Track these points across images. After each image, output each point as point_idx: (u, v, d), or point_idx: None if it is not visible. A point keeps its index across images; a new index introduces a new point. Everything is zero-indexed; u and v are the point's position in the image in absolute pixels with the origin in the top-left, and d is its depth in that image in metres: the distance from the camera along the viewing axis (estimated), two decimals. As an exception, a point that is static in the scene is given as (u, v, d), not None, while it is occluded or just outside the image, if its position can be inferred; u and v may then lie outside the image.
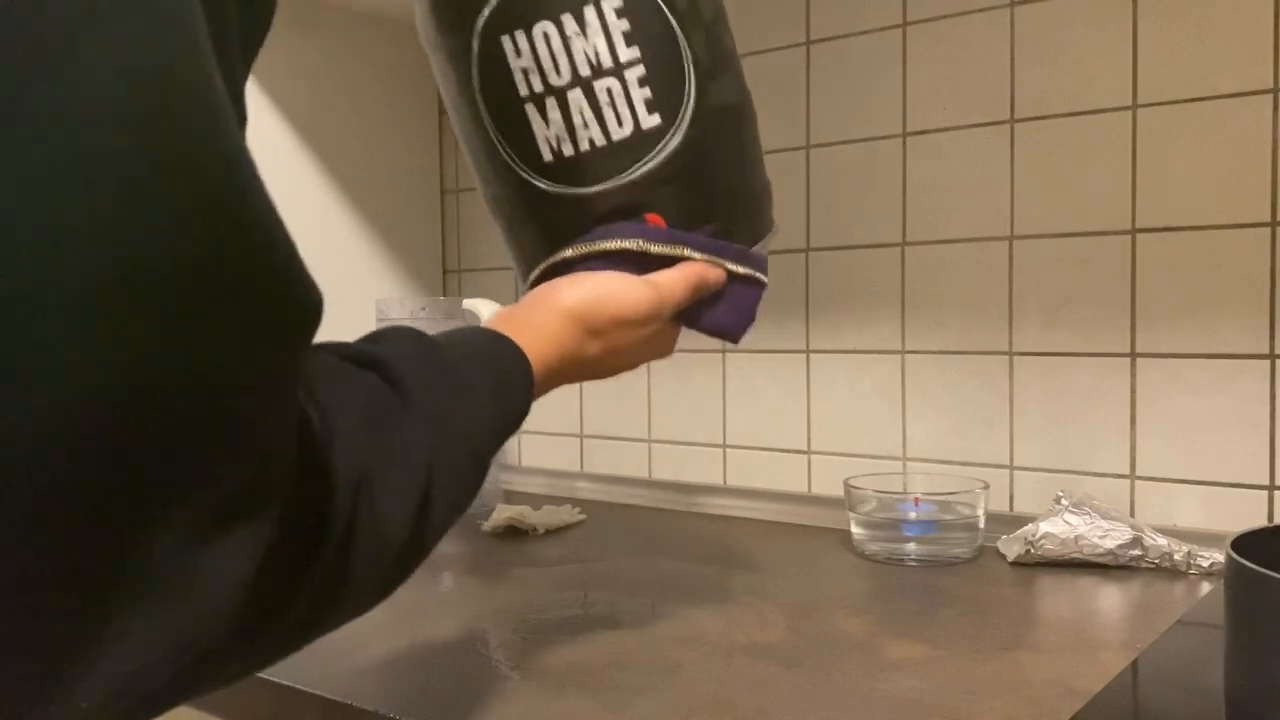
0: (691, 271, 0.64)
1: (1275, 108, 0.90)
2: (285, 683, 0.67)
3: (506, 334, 0.56)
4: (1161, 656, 0.68)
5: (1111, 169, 0.98)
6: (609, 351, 0.61)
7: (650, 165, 0.62)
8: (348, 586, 0.39)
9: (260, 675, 0.68)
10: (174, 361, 0.28)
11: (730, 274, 0.67)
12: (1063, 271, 1.01)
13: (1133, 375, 0.98)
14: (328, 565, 0.37)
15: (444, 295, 1.48)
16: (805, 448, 1.18)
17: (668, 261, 0.64)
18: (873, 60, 1.10)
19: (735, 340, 0.71)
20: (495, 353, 0.54)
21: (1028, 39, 1.02)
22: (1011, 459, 1.05)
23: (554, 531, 1.11)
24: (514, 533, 1.10)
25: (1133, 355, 0.98)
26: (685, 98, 0.63)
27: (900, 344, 1.11)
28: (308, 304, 0.32)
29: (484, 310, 1.06)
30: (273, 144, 1.27)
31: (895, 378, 1.11)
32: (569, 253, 0.64)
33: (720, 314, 0.67)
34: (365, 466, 0.40)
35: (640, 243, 0.62)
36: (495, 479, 1.26)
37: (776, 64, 1.17)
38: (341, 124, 1.35)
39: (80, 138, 0.25)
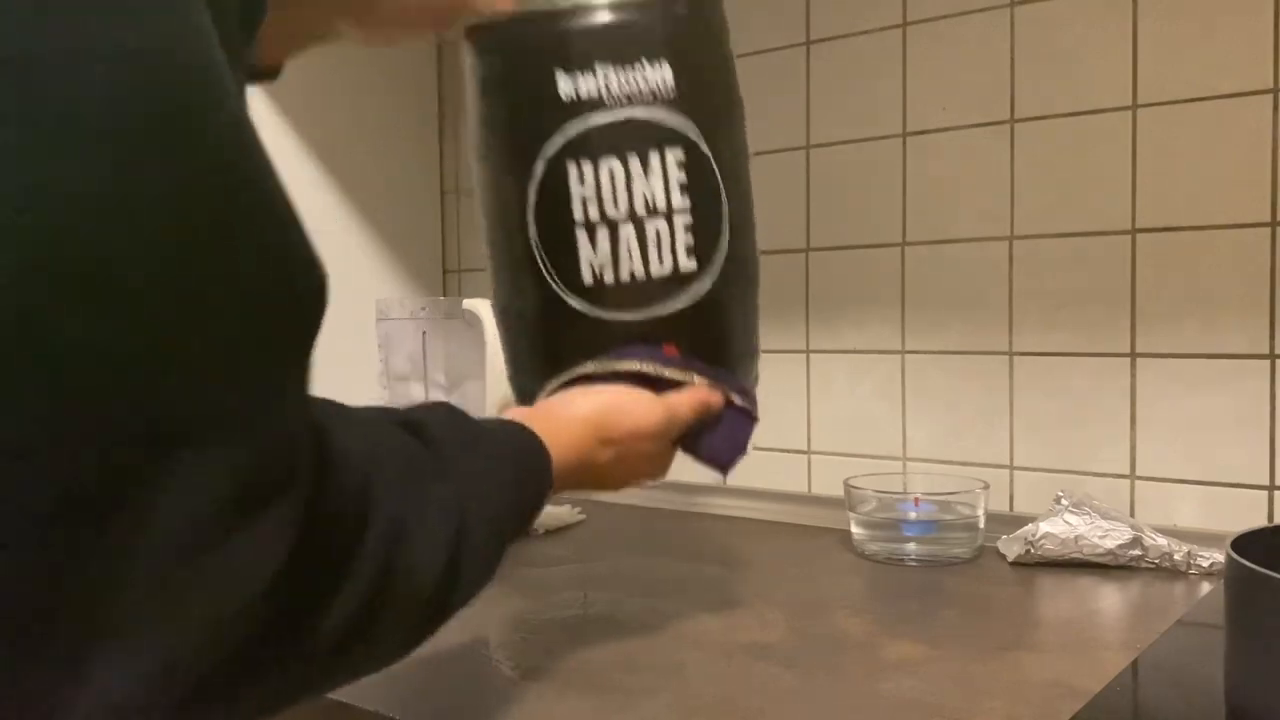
0: (698, 395, 0.68)
1: (1275, 108, 0.90)
2: (285, 683, 0.67)
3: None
4: (1161, 656, 0.68)
5: (1111, 169, 0.98)
6: (617, 461, 0.64)
7: (679, 304, 0.67)
8: (370, 632, 0.39)
9: (260, 675, 0.68)
10: (176, 332, 0.27)
11: (729, 403, 0.71)
12: (1063, 271, 1.01)
13: (1133, 375, 0.98)
14: (351, 605, 0.37)
15: (444, 295, 1.47)
16: (805, 448, 1.18)
17: (677, 386, 0.68)
18: (873, 60, 1.10)
19: (725, 471, 0.74)
20: (522, 440, 0.56)
21: (1028, 39, 1.02)
22: (1011, 459, 1.05)
23: (554, 531, 1.11)
24: (514, 533, 1.10)
25: (1133, 355, 0.98)
26: (719, 249, 0.69)
27: (900, 344, 1.11)
28: (313, 279, 0.32)
29: (484, 310, 1.06)
30: (273, 144, 1.25)
31: (895, 378, 1.11)
32: (590, 368, 0.67)
33: (717, 442, 0.71)
34: (402, 516, 0.40)
35: (656, 367, 0.67)
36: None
37: (776, 64, 1.17)
38: (342, 124, 1.35)
39: (79, 108, 0.26)
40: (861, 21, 1.11)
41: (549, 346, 0.70)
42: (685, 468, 0.72)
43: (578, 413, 0.63)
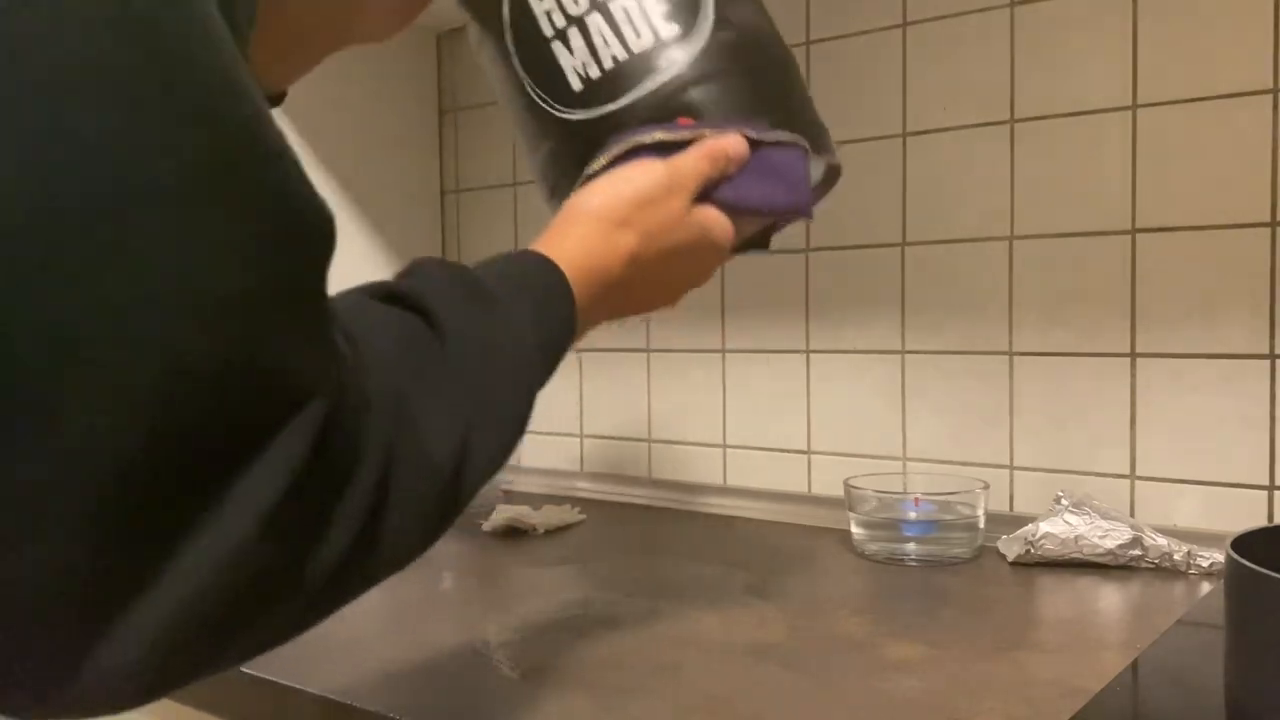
0: (705, 143, 0.62)
1: (1275, 108, 0.90)
2: (285, 683, 0.67)
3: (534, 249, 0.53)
4: (1161, 656, 0.68)
5: (1111, 169, 0.98)
6: (645, 247, 0.58)
7: (675, 70, 0.63)
8: (389, 521, 0.37)
9: (260, 675, 0.68)
10: (183, 270, 0.28)
11: (755, 142, 0.65)
12: (1063, 271, 1.01)
13: (1133, 375, 0.98)
14: (366, 493, 0.35)
15: (444, 295, 1.47)
16: (805, 448, 1.18)
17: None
18: (873, 60, 1.10)
19: (801, 212, 0.69)
20: (527, 271, 0.51)
21: (1028, 39, 1.02)
22: (1011, 459, 1.05)
23: (554, 531, 1.11)
24: (514, 533, 1.10)
25: (1133, 355, 0.98)
26: (702, 11, 0.64)
27: (900, 344, 1.11)
28: (318, 216, 0.32)
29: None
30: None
31: (895, 378, 1.11)
32: (593, 166, 0.63)
33: (765, 186, 0.65)
34: (402, 392, 0.38)
35: (657, 135, 0.62)
36: (495, 479, 1.26)
37: (776, 64, 1.17)
38: (342, 124, 1.35)
39: (82, 49, 0.26)
40: (861, 21, 1.11)
41: (572, 174, 0.65)
42: (685, 468, 0.72)
43: (579, 211, 0.58)
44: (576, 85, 0.64)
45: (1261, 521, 0.86)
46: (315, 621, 0.37)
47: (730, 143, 0.63)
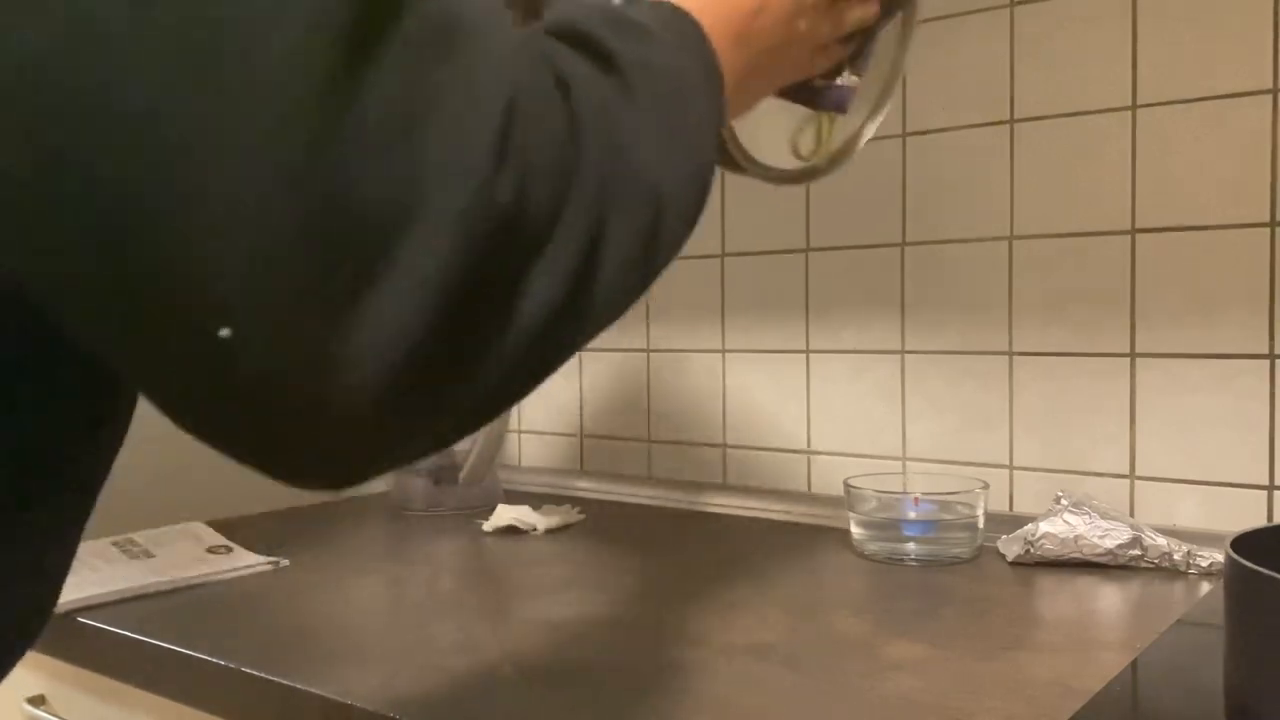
0: None
1: (1275, 108, 0.90)
2: (285, 683, 0.67)
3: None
4: (1161, 656, 0.68)
5: (1111, 169, 0.98)
6: None
7: None
8: (606, 251, 0.35)
9: (261, 675, 0.68)
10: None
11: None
12: (1063, 271, 1.01)
13: (1133, 375, 0.98)
14: (584, 210, 0.34)
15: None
16: (805, 448, 1.18)
17: None
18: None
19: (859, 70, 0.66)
20: (656, 14, 0.45)
21: (1028, 39, 1.02)
22: (1011, 459, 1.05)
23: (554, 531, 1.11)
24: (514, 533, 1.10)
25: (1133, 355, 0.98)
26: None
27: (900, 344, 1.11)
28: None
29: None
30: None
31: (895, 378, 1.11)
32: None
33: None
34: (608, 109, 0.36)
35: None
36: (495, 479, 1.26)
37: (776, 64, 1.17)
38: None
39: None
40: (861, 21, 1.11)
41: None
42: (685, 468, 0.72)
43: None
44: None
45: (1261, 521, 0.86)
46: (524, 382, 0.35)
47: None
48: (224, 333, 0.27)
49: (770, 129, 0.68)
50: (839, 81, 0.66)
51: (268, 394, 0.29)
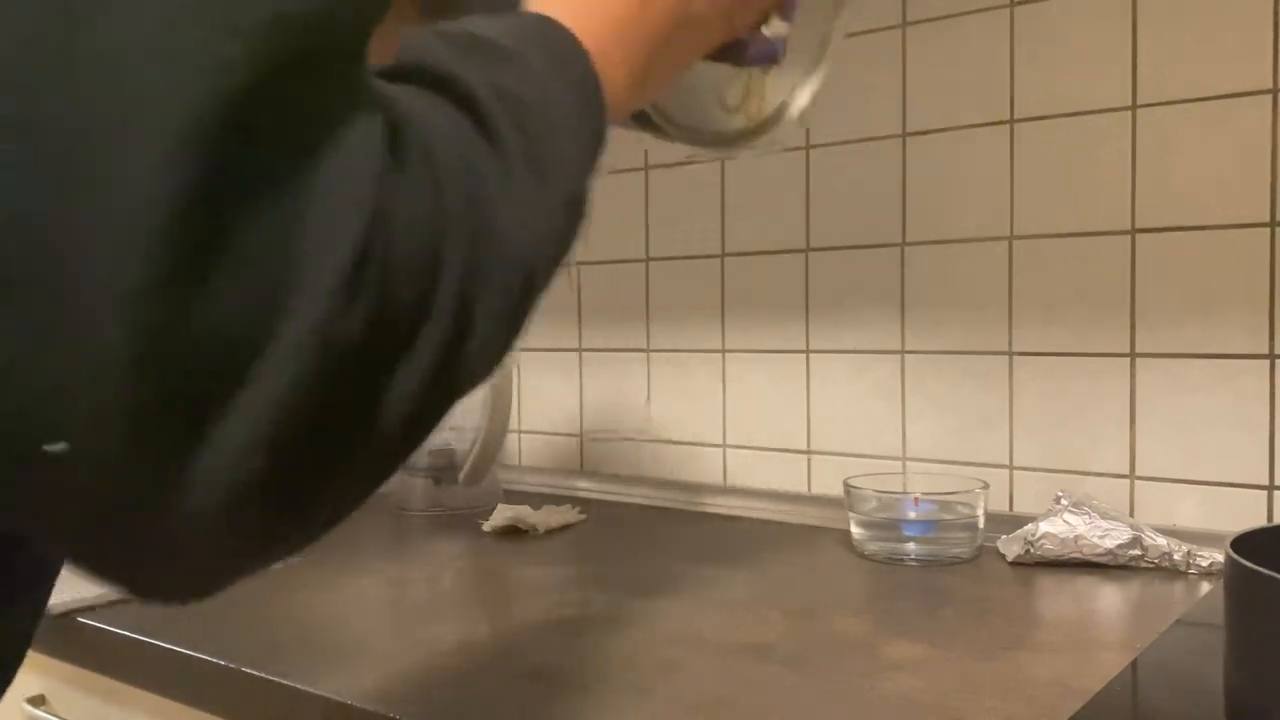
0: None
1: (1275, 108, 0.90)
2: (285, 683, 0.67)
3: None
4: (1161, 656, 0.68)
5: (1111, 169, 0.98)
6: None
7: None
8: (473, 331, 0.33)
9: (261, 675, 0.68)
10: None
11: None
12: (1063, 271, 1.01)
13: (1132, 375, 0.98)
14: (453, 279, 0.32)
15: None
16: (805, 448, 1.18)
17: None
18: (873, 60, 1.10)
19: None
20: (517, 24, 0.41)
21: (1028, 39, 1.02)
22: (1011, 459, 1.05)
23: (554, 531, 1.11)
24: (514, 533, 1.10)
25: (1132, 355, 0.98)
26: None
27: (900, 344, 1.11)
28: None
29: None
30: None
31: (895, 378, 1.11)
32: None
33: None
34: (470, 164, 0.34)
35: None
36: (495, 479, 1.26)
37: (776, 64, 1.17)
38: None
39: None
40: (861, 21, 1.11)
41: None
42: (685, 468, 0.72)
43: None
44: None
45: (1261, 521, 0.86)
46: (399, 453, 0.34)
47: None
48: (55, 448, 0.26)
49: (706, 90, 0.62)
50: (765, 31, 0.59)
51: (118, 516, 0.28)
